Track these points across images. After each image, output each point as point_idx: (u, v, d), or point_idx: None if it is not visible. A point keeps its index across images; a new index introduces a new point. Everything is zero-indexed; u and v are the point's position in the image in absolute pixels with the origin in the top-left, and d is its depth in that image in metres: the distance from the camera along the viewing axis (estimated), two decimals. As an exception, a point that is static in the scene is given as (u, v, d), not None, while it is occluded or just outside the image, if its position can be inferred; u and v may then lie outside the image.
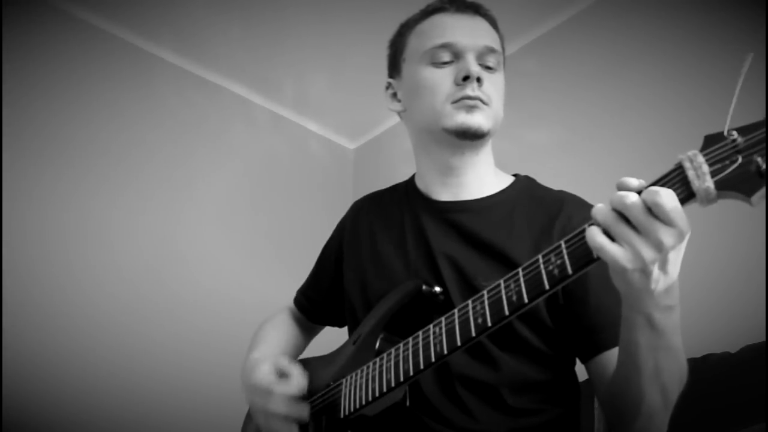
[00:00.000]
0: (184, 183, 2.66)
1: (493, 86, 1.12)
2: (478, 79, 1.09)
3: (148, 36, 2.68)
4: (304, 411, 1.05)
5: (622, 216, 0.69)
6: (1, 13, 2.27)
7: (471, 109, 1.09)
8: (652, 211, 0.68)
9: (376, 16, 2.31)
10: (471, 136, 1.10)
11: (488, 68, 1.13)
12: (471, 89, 1.09)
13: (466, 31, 1.13)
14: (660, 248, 0.68)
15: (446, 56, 1.12)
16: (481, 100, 1.09)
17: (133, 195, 2.50)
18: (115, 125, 2.52)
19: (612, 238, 0.71)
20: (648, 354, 0.81)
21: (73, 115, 2.42)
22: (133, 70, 2.64)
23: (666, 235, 0.68)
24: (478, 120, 1.09)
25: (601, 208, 0.71)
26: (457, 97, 1.10)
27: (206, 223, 2.67)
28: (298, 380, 1.08)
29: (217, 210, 2.73)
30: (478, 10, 1.18)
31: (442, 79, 1.12)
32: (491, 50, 1.13)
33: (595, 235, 0.71)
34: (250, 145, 2.97)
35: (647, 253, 0.69)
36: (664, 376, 0.84)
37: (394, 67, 1.24)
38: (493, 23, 1.19)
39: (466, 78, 1.09)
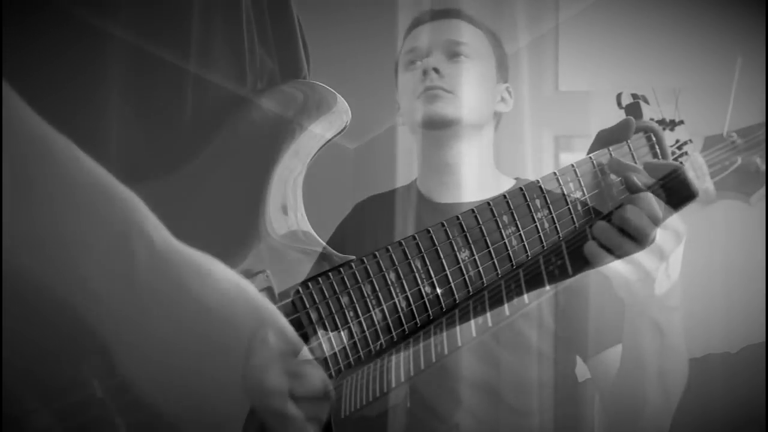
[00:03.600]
0: (184, 183, 2.66)
1: (459, 74, 1.15)
2: (436, 70, 1.13)
3: (147, 35, 2.67)
4: (324, 410, 1.06)
5: (622, 230, 0.69)
6: (1, 13, 2.27)
7: (432, 98, 1.14)
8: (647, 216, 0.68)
9: (376, 16, 2.31)
10: (438, 125, 1.14)
11: (456, 56, 1.16)
12: (429, 80, 1.14)
13: (432, 33, 1.19)
14: (662, 255, 0.69)
15: (416, 59, 1.19)
16: (443, 89, 1.13)
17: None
18: (115, 125, 2.52)
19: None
20: (652, 357, 0.82)
21: (73, 115, 2.42)
22: (132, 70, 2.64)
23: (666, 241, 0.69)
24: (440, 108, 1.13)
25: (600, 225, 0.70)
26: (419, 91, 1.15)
27: (206, 222, 2.67)
28: (316, 376, 1.08)
29: (216, 209, 2.72)
30: (451, 14, 1.22)
31: (412, 80, 1.19)
32: (456, 42, 1.17)
33: (596, 253, 0.70)
34: (250, 144, 2.97)
35: (649, 263, 0.70)
36: (668, 378, 0.85)
37: (396, 83, 1.31)
38: (471, 21, 1.22)
39: (426, 73, 1.14)
